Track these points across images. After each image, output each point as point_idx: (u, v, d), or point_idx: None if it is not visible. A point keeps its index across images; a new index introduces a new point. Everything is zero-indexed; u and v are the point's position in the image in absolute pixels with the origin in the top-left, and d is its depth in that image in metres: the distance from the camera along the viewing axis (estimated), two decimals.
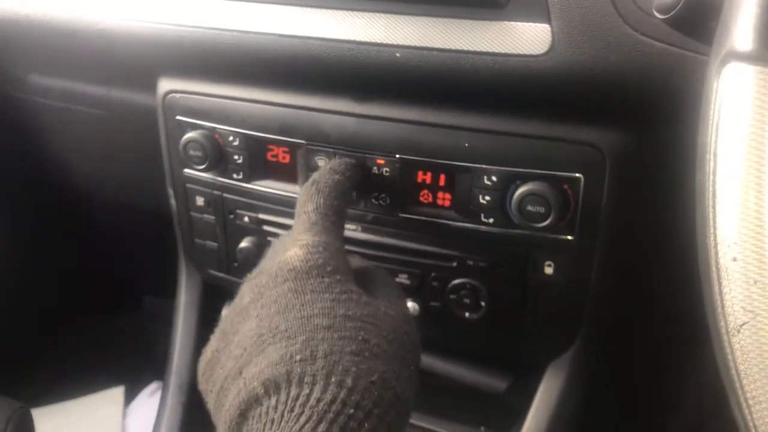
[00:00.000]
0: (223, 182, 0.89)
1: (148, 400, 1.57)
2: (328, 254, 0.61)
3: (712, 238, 0.39)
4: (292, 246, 0.62)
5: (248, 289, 0.61)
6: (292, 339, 0.53)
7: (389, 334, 0.57)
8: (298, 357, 0.52)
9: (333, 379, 0.50)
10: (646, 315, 0.87)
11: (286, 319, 0.55)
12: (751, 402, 0.38)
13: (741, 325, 0.38)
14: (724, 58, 0.39)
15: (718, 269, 0.39)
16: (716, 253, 0.39)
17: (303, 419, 0.48)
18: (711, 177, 0.39)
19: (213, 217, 0.92)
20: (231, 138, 0.85)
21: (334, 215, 0.67)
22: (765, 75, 0.37)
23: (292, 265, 0.59)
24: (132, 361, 1.66)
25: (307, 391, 0.49)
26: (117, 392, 1.59)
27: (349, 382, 0.50)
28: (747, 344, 0.38)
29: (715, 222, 0.39)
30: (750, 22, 0.38)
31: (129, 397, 1.59)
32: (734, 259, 0.38)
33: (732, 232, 0.38)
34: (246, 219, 0.89)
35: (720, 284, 0.39)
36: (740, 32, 0.39)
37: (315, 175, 0.72)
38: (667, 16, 0.53)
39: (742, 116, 0.38)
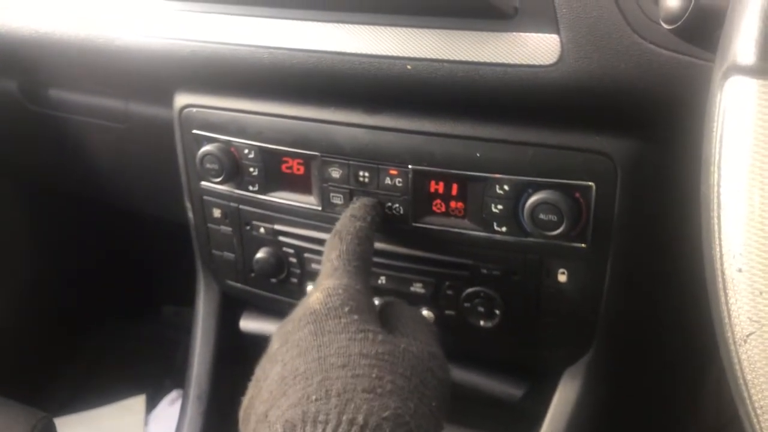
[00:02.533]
0: (239, 194, 0.90)
1: (169, 408, 1.58)
2: (347, 296, 0.63)
3: (717, 249, 0.39)
4: (315, 291, 0.64)
5: (277, 337, 0.63)
6: (309, 380, 0.55)
7: (406, 370, 0.58)
8: (313, 397, 0.53)
9: (344, 417, 0.51)
10: (661, 322, 0.87)
11: (305, 361, 0.57)
12: (759, 411, 0.39)
13: (747, 336, 0.38)
14: (726, 72, 0.40)
15: (723, 280, 0.39)
16: (722, 264, 0.39)
17: None
18: (715, 189, 0.39)
19: (230, 229, 0.94)
20: (246, 151, 0.87)
21: (356, 260, 0.69)
22: (767, 88, 0.38)
23: (313, 308, 0.61)
24: (153, 370, 1.68)
25: (320, 430, 0.50)
26: (139, 401, 1.61)
27: (360, 419, 0.51)
28: (754, 354, 0.38)
29: (720, 233, 0.39)
30: (751, 35, 0.39)
31: (150, 405, 1.60)
32: (740, 270, 0.38)
33: (737, 244, 0.38)
34: (262, 230, 0.91)
35: (726, 295, 0.39)
36: (742, 46, 0.39)
37: (337, 225, 0.74)
38: (673, 27, 0.54)
39: (744, 129, 0.38)
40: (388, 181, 0.80)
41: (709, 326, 0.46)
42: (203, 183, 0.93)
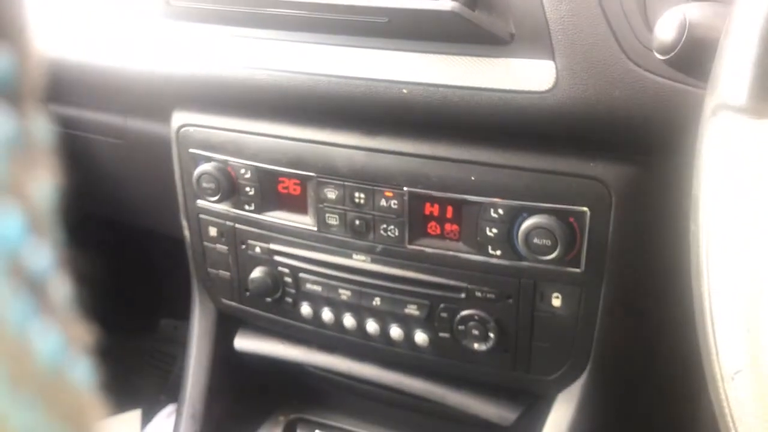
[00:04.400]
0: (235, 213, 0.90)
1: (165, 422, 1.57)
2: None
3: (705, 287, 0.39)
4: None
5: None
6: None
7: None
8: None
9: None
10: (656, 346, 0.87)
11: None
12: None
13: (735, 373, 0.38)
14: (714, 109, 0.40)
15: (712, 317, 0.39)
16: (710, 302, 0.39)
17: None
18: (703, 227, 0.40)
19: (226, 248, 0.94)
20: (243, 170, 0.87)
21: None
22: (755, 127, 0.38)
23: None
24: (149, 383, 1.67)
25: None
26: (134, 415, 1.61)
27: None
28: (741, 392, 0.38)
29: (708, 271, 0.39)
30: (740, 74, 0.39)
31: (146, 420, 1.60)
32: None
33: (724, 282, 0.38)
34: (257, 249, 0.91)
35: (714, 332, 0.39)
36: (730, 84, 0.39)
37: None
38: (667, 57, 0.54)
39: (732, 168, 0.38)
40: (383, 202, 0.80)
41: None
42: (200, 201, 0.93)
